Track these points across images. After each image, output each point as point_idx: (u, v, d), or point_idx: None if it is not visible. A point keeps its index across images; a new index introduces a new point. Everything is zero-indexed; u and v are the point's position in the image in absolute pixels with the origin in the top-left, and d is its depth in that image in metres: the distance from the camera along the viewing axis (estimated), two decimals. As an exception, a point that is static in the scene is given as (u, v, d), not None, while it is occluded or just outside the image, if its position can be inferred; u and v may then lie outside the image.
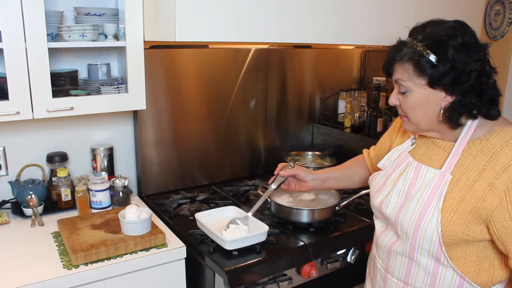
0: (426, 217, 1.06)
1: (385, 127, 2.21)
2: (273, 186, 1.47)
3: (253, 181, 2.11)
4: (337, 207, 1.65)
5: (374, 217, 1.29)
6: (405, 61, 1.04)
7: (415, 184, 1.12)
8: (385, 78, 2.45)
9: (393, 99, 1.12)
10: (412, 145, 1.20)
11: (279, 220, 1.66)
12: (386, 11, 1.89)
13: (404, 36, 1.09)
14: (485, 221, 1.02)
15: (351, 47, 2.47)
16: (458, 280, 1.08)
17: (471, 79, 0.99)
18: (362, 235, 1.60)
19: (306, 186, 1.48)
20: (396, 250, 1.16)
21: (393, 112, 2.17)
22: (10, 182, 1.71)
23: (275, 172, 1.49)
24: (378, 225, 1.27)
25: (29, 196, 1.63)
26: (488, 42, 1.05)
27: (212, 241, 1.46)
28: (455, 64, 0.98)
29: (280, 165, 1.52)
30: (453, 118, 1.04)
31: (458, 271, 1.07)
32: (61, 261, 1.34)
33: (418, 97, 1.05)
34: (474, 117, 1.05)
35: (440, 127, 1.09)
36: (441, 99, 1.03)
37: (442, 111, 1.04)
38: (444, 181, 1.06)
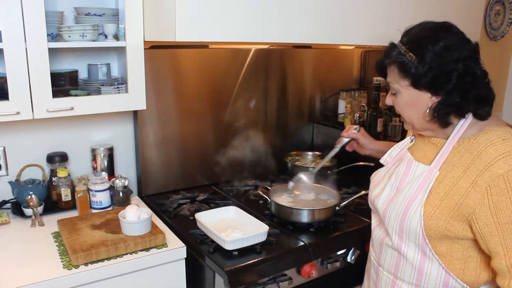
0: (411, 210, 1.09)
1: (385, 127, 2.21)
2: (338, 146, 1.62)
3: (253, 181, 2.11)
4: (337, 207, 1.65)
5: (371, 211, 1.33)
6: (392, 63, 1.08)
7: (406, 178, 1.16)
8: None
9: (388, 100, 1.17)
10: (411, 142, 1.24)
11: (279, 220, 1.66)
12: (387, 11, 1.89)
13: None
14: (467, 219, 1.03)
15: (351, 47, 2.47)
16: (444, 275, 1.10)
17: (452, 79, 1.01)
18: (362, 235, 1.60)
19: (363, 152, 1.62)
20: (387, 243, 1.20)
21: (393, 112, 2.17)
22: (10, 182, 1.71)
23: (342, 134, 1.62)
24: (374, 219, 1.31)
25: (29, 196, 1.63)
26: (477, 42, 1.06)
27: (212, 241, 1.46)
28: (432, 65, 1.01)
29: (348, 126, 1.64)
30: (441, 117, 1.07)
31: (444, 266, 1.09)
32: (61, 261, 1.34)
33: (405, 98, 1.10)
34: (462, 116, 1.07)
35: (431, 126, 1.12)
36: (428, 99, 1.07)
37: (428, 111, 1.07)
38: (432, 176, 1.09)
